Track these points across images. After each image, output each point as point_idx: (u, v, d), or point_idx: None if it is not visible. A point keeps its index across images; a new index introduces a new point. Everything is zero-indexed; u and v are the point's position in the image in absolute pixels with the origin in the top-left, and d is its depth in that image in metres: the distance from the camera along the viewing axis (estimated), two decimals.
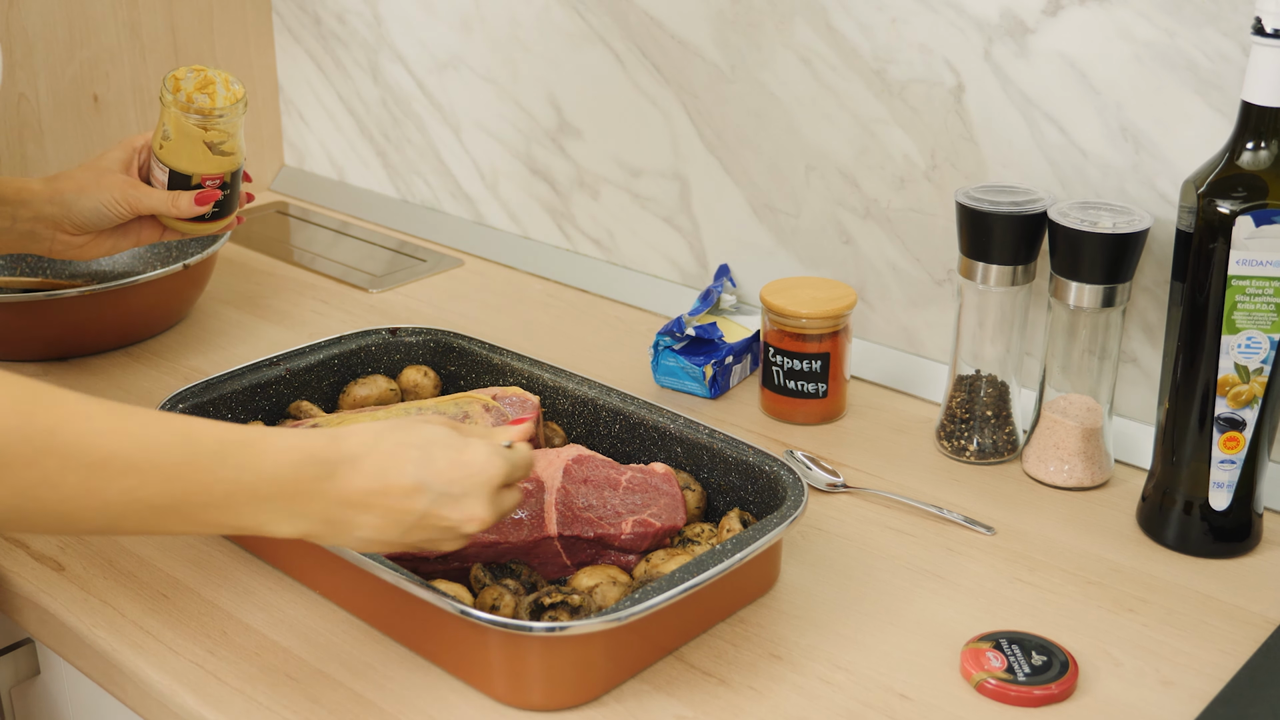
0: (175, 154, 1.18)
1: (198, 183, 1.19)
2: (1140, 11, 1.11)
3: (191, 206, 1.19)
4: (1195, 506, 1.05)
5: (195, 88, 1.18)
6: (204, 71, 1.19)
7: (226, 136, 1.19)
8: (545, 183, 1.63)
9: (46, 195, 1.17)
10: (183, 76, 1.19)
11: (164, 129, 1.18)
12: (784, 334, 1.25)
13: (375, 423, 0.84)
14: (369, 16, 1.75)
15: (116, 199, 1.17)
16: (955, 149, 1.26)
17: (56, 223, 1.17)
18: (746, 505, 1.04)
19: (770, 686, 0.91)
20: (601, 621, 0.85)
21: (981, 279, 1.16)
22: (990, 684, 0.89)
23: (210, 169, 1.20)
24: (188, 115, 1.17)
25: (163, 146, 1.19)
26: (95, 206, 1.17)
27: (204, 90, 1.18)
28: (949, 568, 1.05)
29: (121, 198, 1.17)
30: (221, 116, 1.18)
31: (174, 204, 1.19)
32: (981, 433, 1.20)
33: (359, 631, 0.96)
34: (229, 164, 1.21)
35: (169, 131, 1.18)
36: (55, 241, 1.19)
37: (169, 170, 1.19)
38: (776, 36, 1.35)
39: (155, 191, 1.19)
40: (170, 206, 1.19)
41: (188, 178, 1.19)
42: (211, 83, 1.19)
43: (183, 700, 0.90)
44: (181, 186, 1.19)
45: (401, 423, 0.85)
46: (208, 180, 1.20)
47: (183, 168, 1.19)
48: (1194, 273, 1.00)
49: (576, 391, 1.15)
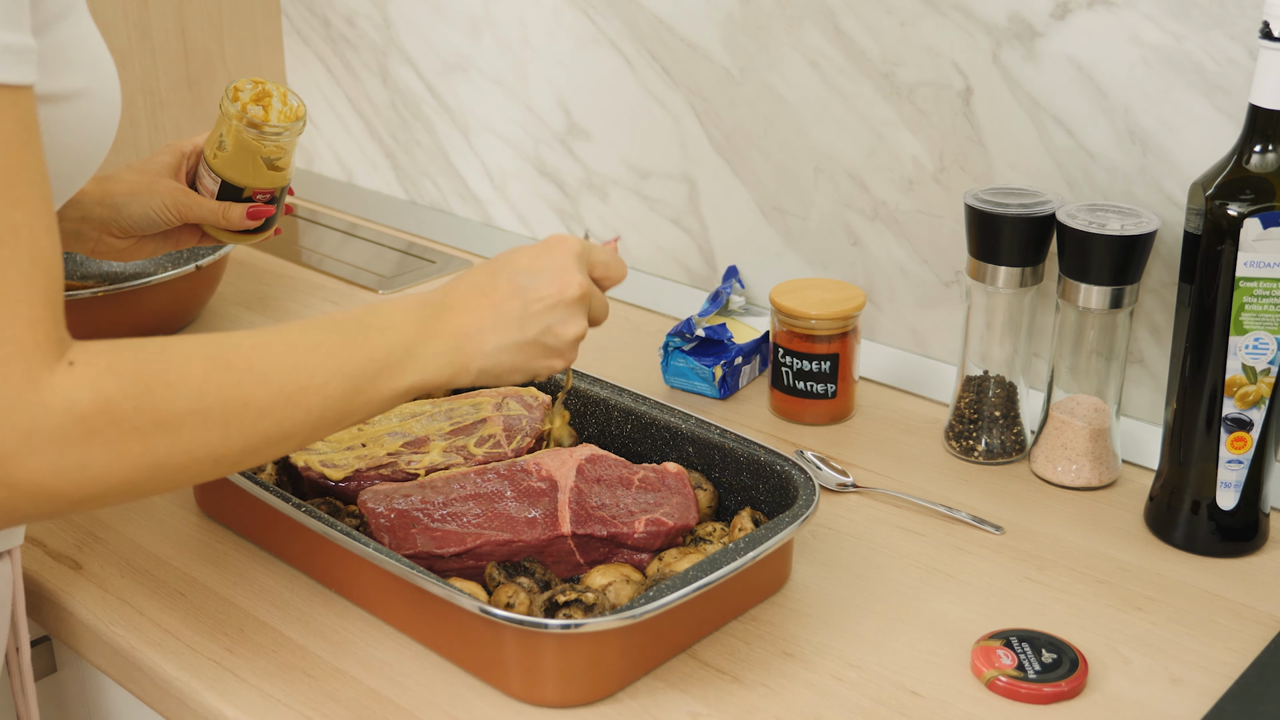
0: (230, 166, 1.16)
1: (249, 195, 1.17)
2: (1148, 15, 1.12)
3: (242, 220, 1.18)
4: (1203, 506, 1.06)
5: (252, 99, 1.16)
6: (263, 84, 1.17)
7: (283, 153, 1.17)
8: (554, 184, 1.64)
9: (96, 196, 1.15)
10: (242, 87, 1.16)
11: (220, 138, 1.16)
12: (793, 335, 1.26)
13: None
14: (378, 19, 1.76)
15: (167, 204, 1.16)
16: (963, 151, 1.27)
17: (104, 225, 1.16)
18: (758, 504, 1.05)
19: (783, 684, 0.92)
20: (616, 619, 0.86)
21: (990, 280, 1.16)
22: (1001, 681, 0.90)
23: (263, 183, 1.18)
24: (248, 129, 1.14)
25: (217, 156, 1.16)
26: (145, 211, 1.16)
27: (260, 102, 1.16)
28: (958, 567, 1.05)
29: (172, 204, 1.16)
30: (282, 134, 1.16)
31: (224, 215, 1.17)
32: (990, 433, 1.20)
33: (376, 629, 0.97)
34: (281, 179, 1.19)
35: (226, 142, 1.15)
36: (100, 243, 1.17)
37: (220, 180, 1.16)
38: (785, 39, 1.36)
39: (206, 201, 1.17)
40: (220, 218, 1.17)
41: (239, 190, 1.17)
42: (268, 95, 1.17)
43: (201, 697, 0.91)
44: (232, 198, 1.17)
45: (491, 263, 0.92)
46: (259, 194, 1.18)
47: (236, 180, 1.17)
48: (1202, 274, 1.01)
49: (588, 392, 1.16)
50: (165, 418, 0.73)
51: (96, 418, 0.71)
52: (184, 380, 0.74)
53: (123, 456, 0.72)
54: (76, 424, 0.70)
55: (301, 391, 0.79)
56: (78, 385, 0.70)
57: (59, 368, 0.70)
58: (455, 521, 0.99)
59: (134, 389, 0.72)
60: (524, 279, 0.89)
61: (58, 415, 0.69)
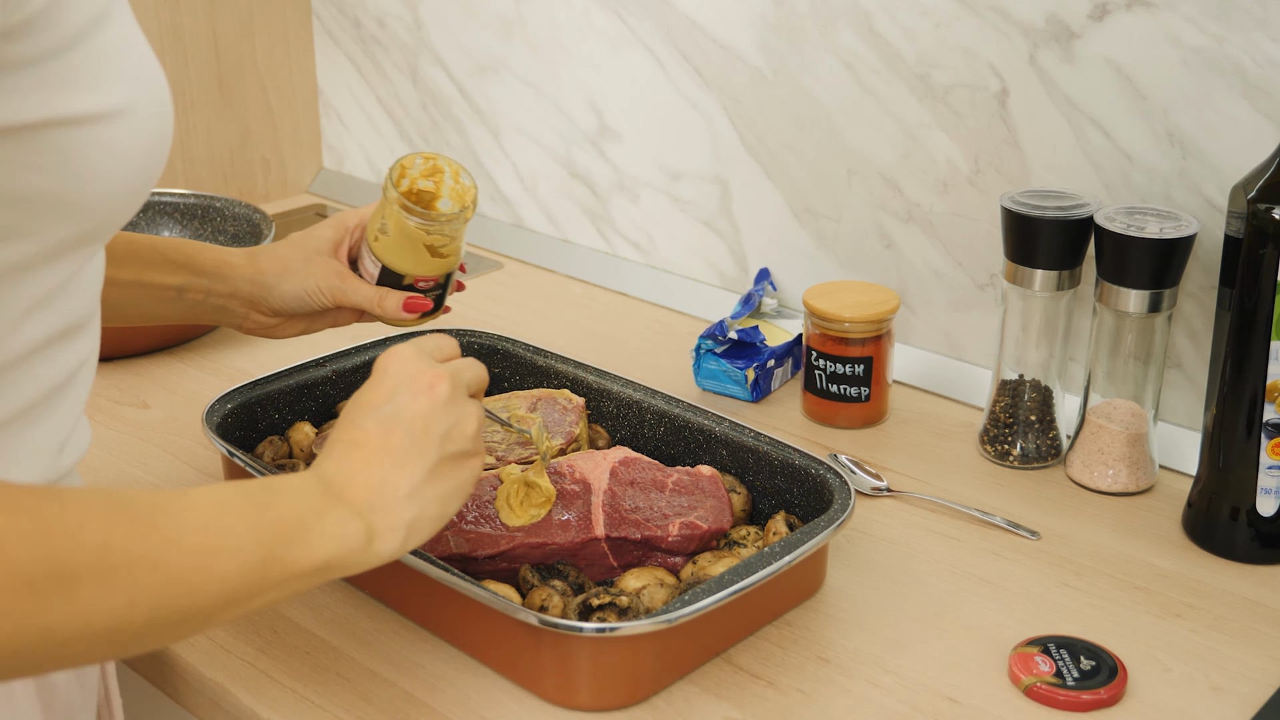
0: (391, 251, 1.07)
1: (410, 283, 1.08)
2: (1188, 17, 1.11)
3: (398, 312, 1.08)
4: (1242, 512, 1.05)
5: (422, 175, 1.08)
6: (434, 159, 1.07)
7: (449, 240, 1.07)
8: (585, 186, 1.64)
9: (247, 274, 1.08)
10: (409, 165, 1.07)
11: (383, 221, 1.06)
12: (827, 338, 1.25)
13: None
14: (409, 20, 1.76)
15: (322, 288, 1.08)
16: (999, 154, 1.26)
17: (253, 302, 1.08)
18: (792, 508, 1.04)
19: (818, 689, 0.91)
20: (652, 623, 0.85)
21: (1026, 284, 1.15)
22: (1040, 688, 0.89)
23: (426, 271, 1.08)
24: (411, 217, 1.05)
25: (378, 239, 1.07)
26: (298, 293, 1.08)
27: (431, 178, 1.07)
28: (995, 572, 1.05)
29: (328, 287, 1.08)
30: (449, 221, 1.06)
31: (380, 304, 1.08)
32: (1025, 437, 1.20)
33: (409, 631, 0.97)
34: (447, 266, 1.09)
35: (388, 226, 1.06)
36: (248, 320, 1.10)
37: (381, 265, 1.08)
38: (819, 40, 1.35)
39: (363, 286, 1.08)
40: (376, 306, 1.08)
41: (400, 276, 1.08)
42: (440, 172, 1.08)
43: (235, 698, 0.91)
44: (392, 284, 1.08)
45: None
46: (420, 282, 1.08)
47: (397, 266, 1.07)
48: (1243, 278, 1.00)
49: (621, 394, 1.15)
50: (65, 571, 0.60)
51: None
52: (84, 528, 0.62)
53: (7, 615, 0.58)
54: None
55: (214, 554, 0.68)
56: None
57: None
58: (489, 524, 0.99)
59: (33, 531, 0.60)
60: (388, 409, 0.79)
61: None
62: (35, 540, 0.59)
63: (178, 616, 0.66)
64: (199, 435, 1.25)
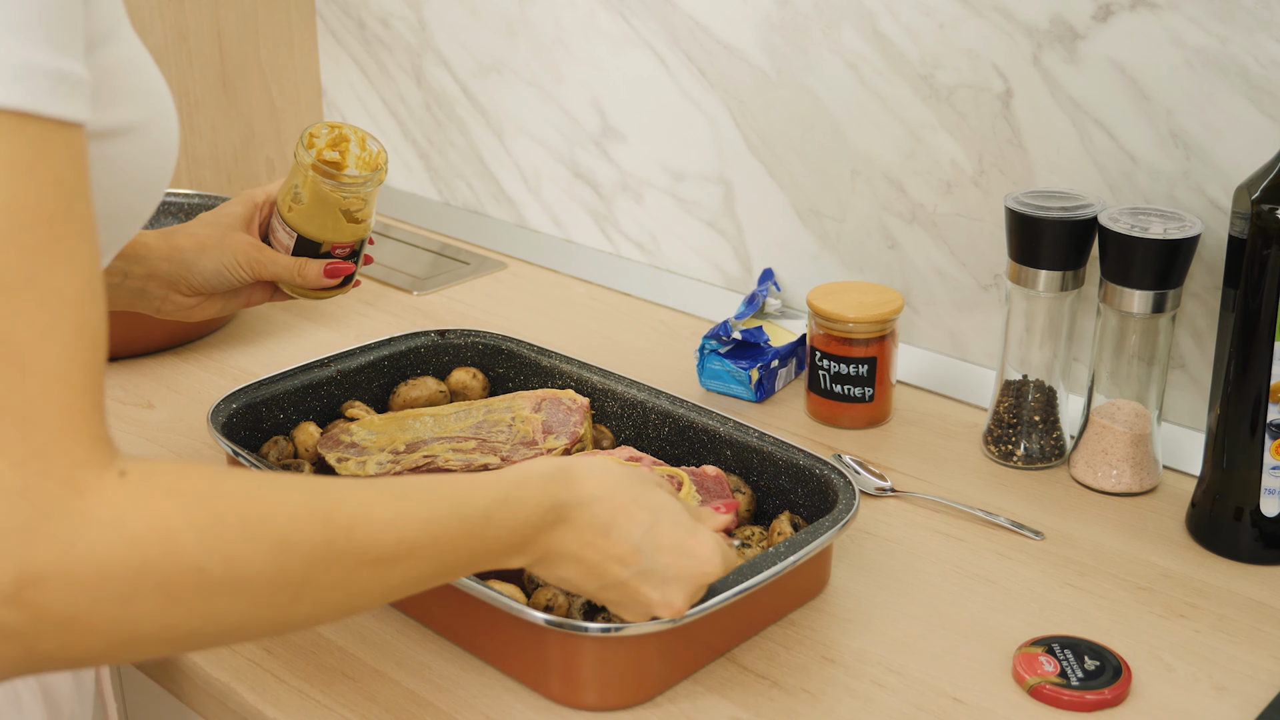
0: (306, 219, 1.08)
1: (327, 250, 1.09)
2: (1192, 18, 1.11)
3: (320, 278, 1.10)
4: (1246, 513, 1.05)
5: (328, 145, 1.09)
6: (340, 128, 1.09)
7: (363, 204, 1.09)
8: (588, 186, 1.64)
9: (163, 252, 1.07)
10: (318, 133, 1.08)
11: (295, 189, 1.08)
12: (831, 338, 1.25)
13: (616, 468, 0.81)
14: (413, 20, 1.76)
15: (240, 262, 1.08)
16: (1003, 154, 1.26)
17: (172, 282, 1.08)
18: (796, 508, 1.05)
19: (823, 689, 0.91)
20: (656, 623, 0.85)
21: (1030, 284, 1.16)
22: (1044, 689, 0.90)
23: (342, 237, 1.10)
24: (325, 180, 1.06)
25: (292, 209, 1.08)
26: (216, 268, 1.08)
27: (336, 148, 1.08)
28: (999, 572, 1.05)
29: (245, 261, 1.08)
30: (363, 184, 1.07)
31: (300, 273, 1.09)
32: (1029, 438, 1.20)
33: (414, 631, 0.97)
34: (361, 231, 1.11)
35: (301, 194, 1.07)
36: (166, 301, 1.09)
37: (296, 235, 1.09)
38: (823, 41, 1.35)
39: (281, 258, 1.09)
40: (296, 275, 1.10)
41: (317, 245, 1.09)
42: (345, 140, 1.09)
43: (242, 698, 0.91)
44: (309, 253, 1.09)
45: (640, 477, 0.82)
46: (337, 249, 1.10)
47: (313, 234, 1.09)
48: (1247, 279, 1.00)
49: (625, 394, 1.16)
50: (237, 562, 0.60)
51: (152, 546, 0.57)
52: (266, 521, 0.61)
53: (174, 601, 0.58)
54: (127, 547, 0.56)
55: (391, 564, 0.67)
56: (130, 500, 0.57)
57: (107, 475, 0.57)
58: None
59: (203, 519, 0.59)
60: (641, 568, 0.79)
61: (105, 531, 0.55)
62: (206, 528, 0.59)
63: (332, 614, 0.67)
64: (204, 435, 1.25)
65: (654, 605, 0.81)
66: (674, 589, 0.80)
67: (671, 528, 0.80)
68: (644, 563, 0.79)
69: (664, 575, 0.80)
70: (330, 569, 0.64)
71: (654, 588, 0.80)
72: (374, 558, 0.66)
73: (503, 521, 0.74)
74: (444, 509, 0.70)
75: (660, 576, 0.80)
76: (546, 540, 0.77)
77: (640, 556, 0.79)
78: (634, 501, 0.79)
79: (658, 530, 0.80)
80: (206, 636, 0.61)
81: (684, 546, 0.80)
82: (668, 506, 0.81)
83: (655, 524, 0.79)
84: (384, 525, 0.66)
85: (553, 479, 0.77)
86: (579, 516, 0.77)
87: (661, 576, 0.80)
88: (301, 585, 0.62)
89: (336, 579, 0.64)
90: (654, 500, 0.80)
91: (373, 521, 0.66)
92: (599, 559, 0.78)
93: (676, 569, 0.80)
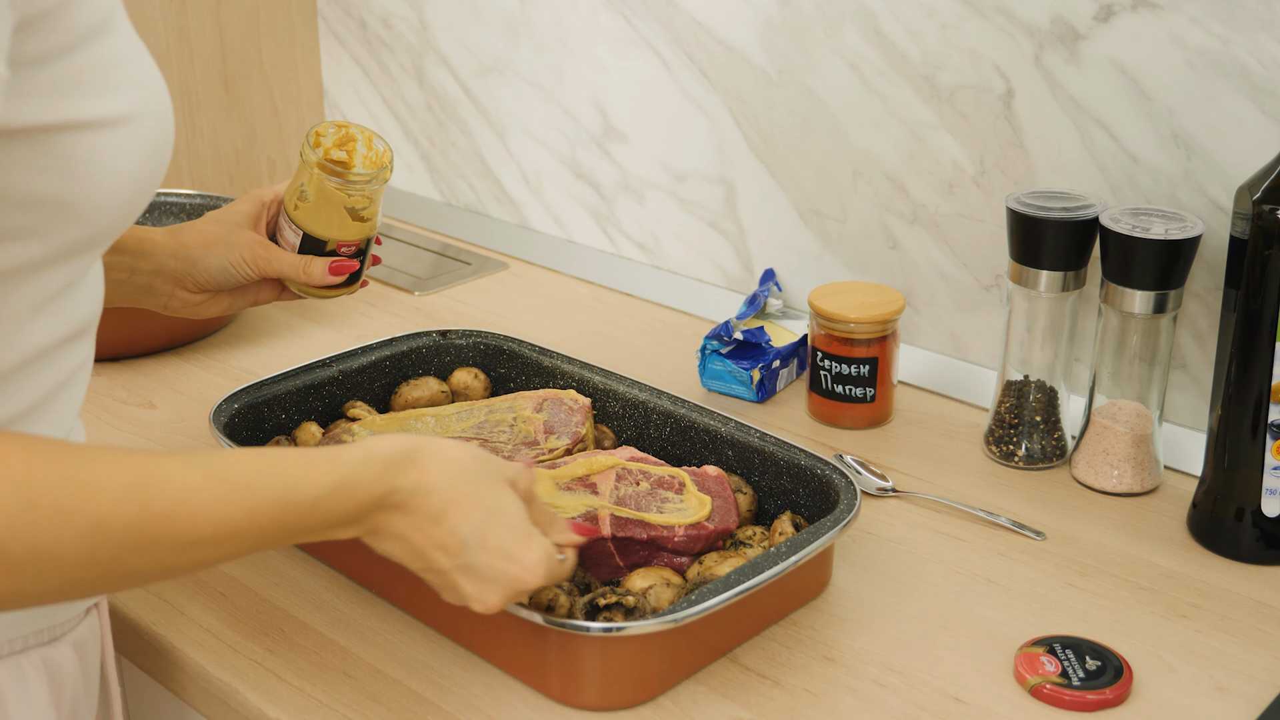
0: (312, 217, 1.09)
1: (332, 249, 1.10)
2: (1193, 18, 1.11)
3: (325, 275, 1.10)
4: (1247, 513, 1.05)
5: (335, 144, 1.10)
6: (346, 128, 1.10)
7: (369, 202, 1.09)
8: (590, 186, 1.64)
9: (171, 249, 1.08)
10: (324, 132, 1.09)
11: (301, 188, 1.08)
12: (832, 338, 1.25)
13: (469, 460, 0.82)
14: (414, 21, 1.76)
15: (246, 259, 1.09)
16: (1004, 154, 1.26)
17: (178, 279, 1.09)
18: (798, 509, 1.05)
19: (825, 689, 0.91)
20: (659, 623, 0.86)
21: (1032, 285, 1.16)
22: (1045, 688, 0.90)
23: (348, 235, 1.10)
24: (331, 178, 1.07)
25: (298, 207, 1.09)
26: (222, 265, 1.09)
27: (343, 147, 1.09)
28: (1000, 572, 1.05)
29: (251, 258, 1.09)
30: (369, 182, 1.08)
31: (305, 270, 1.10)
32: (1030, 438, 1.20)
33: (416, 630, 0.97)
34: (367, 230, 1.11)
35: (307, 192, 1.08)
36: (173, 298, 1.10)
37: (302, 233, 1.09)
38: (825, 41, 1.35)
39: (286, 255, 1.10)
40: (301, 273, 1.10)
41: (322, 243, 1.09)
42: (352, 140, 1.10)
43: (243, 697, 0.91)
44: (314, 251, 1.10)
45: (490, 474, 0.82)
46: (343, 247, 1.10)
47: (319, 232, 1.09)
48: (1248, 279, 1.00)
49: (627, 394, 1.16)
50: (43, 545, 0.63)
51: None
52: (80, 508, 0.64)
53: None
54: None
55: (209, 546, 0.70)
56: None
57: None
58: None
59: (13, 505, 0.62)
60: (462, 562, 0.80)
61: None
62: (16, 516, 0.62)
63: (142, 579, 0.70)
64: (205, 435, 1.25)
65: (469, 599, 0.82)
66: (490, 588, 0.81)
67: (503, 530, 0.81)
68: (467, 558, 0.80)
69: (483, 574, 0.81)
70: (143, 552, 0.67)
71: (472, 583, 0.81)
72: (189, 541, 0.69)
73: (331, 509, 0.76)
74: (270, 496, 0.72)
75: (480, 574, 0.81)
76: (377, 519, 0.79)
77: (465, 551, 0.80)
78: (471, 498, 0.80)
79: (488, 530, 0.80)
80: (8, 606, 0.65)
81: (510, 551, 0.81)
82: (506, 510, 0.82)
83: (487, 524, 0.80)
84: (203, 512, 0.69)
85: (395, 464, 0.78)
86: (414, 503, 0.79)
87: (481, 574, 0.81)
88: (111, 564, 0.66)
89: (149, 559, 0.68)
90: (494, 501, 0.81)
91: (193, 508, 0.68)
92: (426, 544, 0.80)
93: (496, 570, 0.81)
